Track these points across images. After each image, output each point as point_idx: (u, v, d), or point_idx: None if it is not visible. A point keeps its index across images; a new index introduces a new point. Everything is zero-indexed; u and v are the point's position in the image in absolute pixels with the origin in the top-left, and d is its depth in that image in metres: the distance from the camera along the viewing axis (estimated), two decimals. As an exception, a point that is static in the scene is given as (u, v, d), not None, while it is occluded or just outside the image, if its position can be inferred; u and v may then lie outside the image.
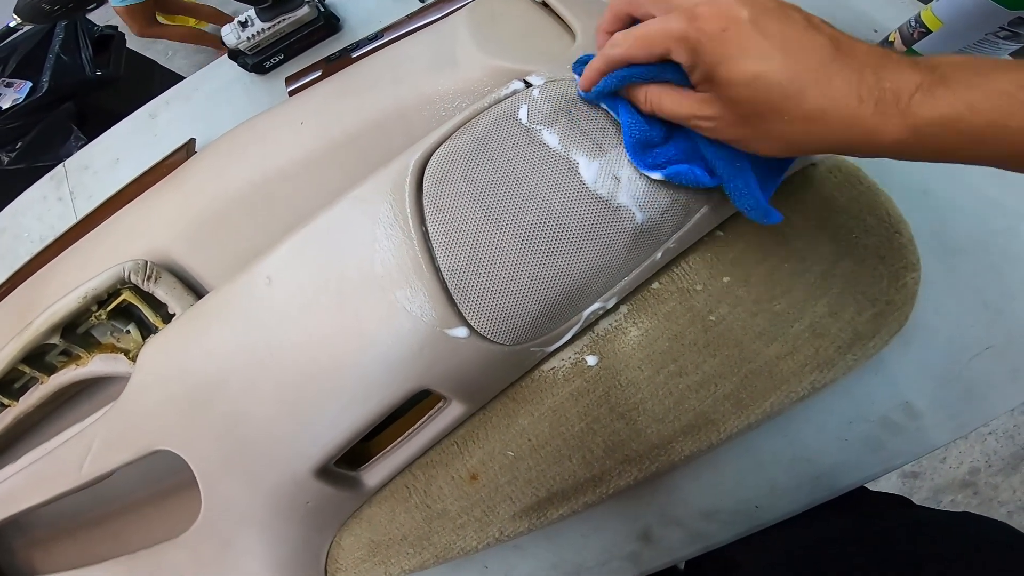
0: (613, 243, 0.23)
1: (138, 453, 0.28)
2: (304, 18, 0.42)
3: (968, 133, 0.16)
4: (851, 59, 0.17)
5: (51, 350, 0.34)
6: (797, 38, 0.17)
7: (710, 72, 0.18)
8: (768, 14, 0.18)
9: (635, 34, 0.20)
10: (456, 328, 0.22)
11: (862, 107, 0.16)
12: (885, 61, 0.17)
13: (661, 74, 0.20)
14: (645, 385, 0.25)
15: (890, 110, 0.16)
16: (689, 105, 0.20)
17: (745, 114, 0.18)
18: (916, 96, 0.16)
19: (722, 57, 0.18)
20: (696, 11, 0.18)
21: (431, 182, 0.23)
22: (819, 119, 0.17)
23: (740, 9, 0.18)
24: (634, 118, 0.22)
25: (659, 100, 0.21)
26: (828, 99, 0.17)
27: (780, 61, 0.17)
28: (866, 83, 0.16)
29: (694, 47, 0.18)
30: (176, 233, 0.32)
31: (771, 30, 0.17)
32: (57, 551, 0.36)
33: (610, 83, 0.21)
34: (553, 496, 0.26)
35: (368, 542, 0.28)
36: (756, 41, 0.17)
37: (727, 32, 0.17)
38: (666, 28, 0.19)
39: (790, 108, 0.17)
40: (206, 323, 0.26)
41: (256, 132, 0.33)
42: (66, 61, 0.67)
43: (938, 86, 0.16)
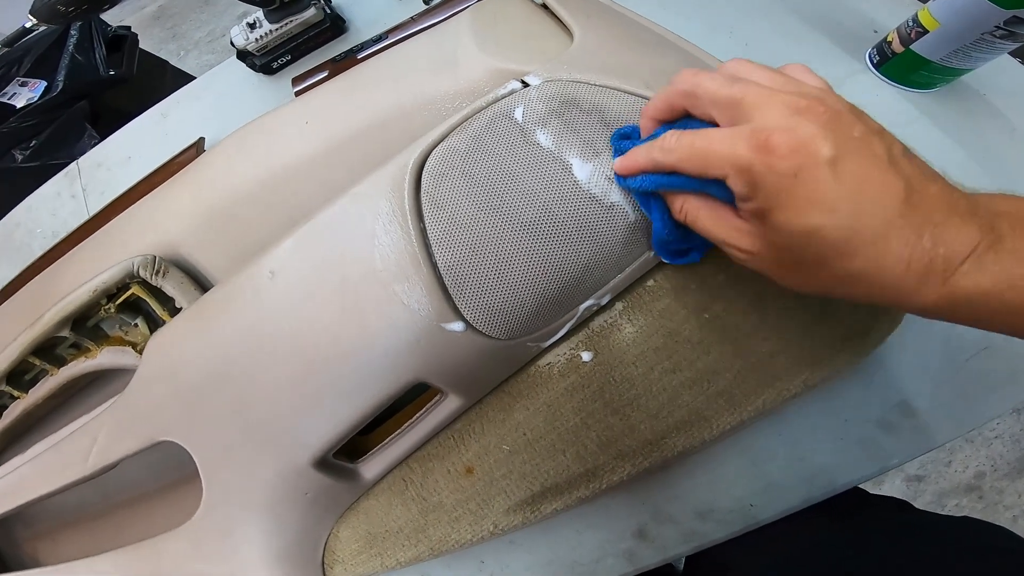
0: (606, 240, 0.23)
1: (143, 444, 0.28)
2: (311, 20, 0.42)
3: (1002, 311, 0.15)
4: (917, 212, 0.15)
5: (61, 343, 0.35)
6: (872, 185, 0.15)
7: (764, 212, 0.16)
8: (851, 151, 0.15)
9: (693, 146, 0.17)
10: (452, 322, 0.23)
11: (907, 274, 0.15)
12: (949, 215, 0.15)
13: (704, 187, 0.18)
14: (639, 381, 0.26)
15: (933, 279, 0.15)
16: (727, 232, 0.18)
17: (784, 260, 0.17)
18: (965, 264, 0.15)
19: (784, 204, 0.16)
20: (771, 141, 0.15)
21: (429, 180, 0.24)
22: (860, 279, 0.16)
23: (822, 145, 0.15)
24: (665, 225, 0.21)
25: (696, 215, 0.19)
26: (876, 264, 0.16)
27: (845, 216, 0.15)
28: (921, 247, 0.15)
29: (756, 181, 0.16)
30: (184, 229, 0.33)
31: (848, 173, 0.15)
32: (61, 542, 0.37)
33: (649, 185, 0.20)
34: (547, 490, 0.26)
35: (365, 534, 0.29)
36: (827, 190, 0.15)
37: (799, 178, 0.15)
38: (730, 153, 0.16)
39: (834, 266, 0.16)
40: (211, 316, 0.27)
41: (263, 131, 0.33)
42: (80, 61, 0.68)
43: (988, 252, 0.15)
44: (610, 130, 0.23)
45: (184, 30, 1.53)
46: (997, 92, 0.34)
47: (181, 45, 1.49)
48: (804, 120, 0.16)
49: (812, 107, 0.16)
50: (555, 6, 0.30)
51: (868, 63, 0.35)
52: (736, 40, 0.38)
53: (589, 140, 0.23)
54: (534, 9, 0.33)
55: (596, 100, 0.24)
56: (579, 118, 0.24)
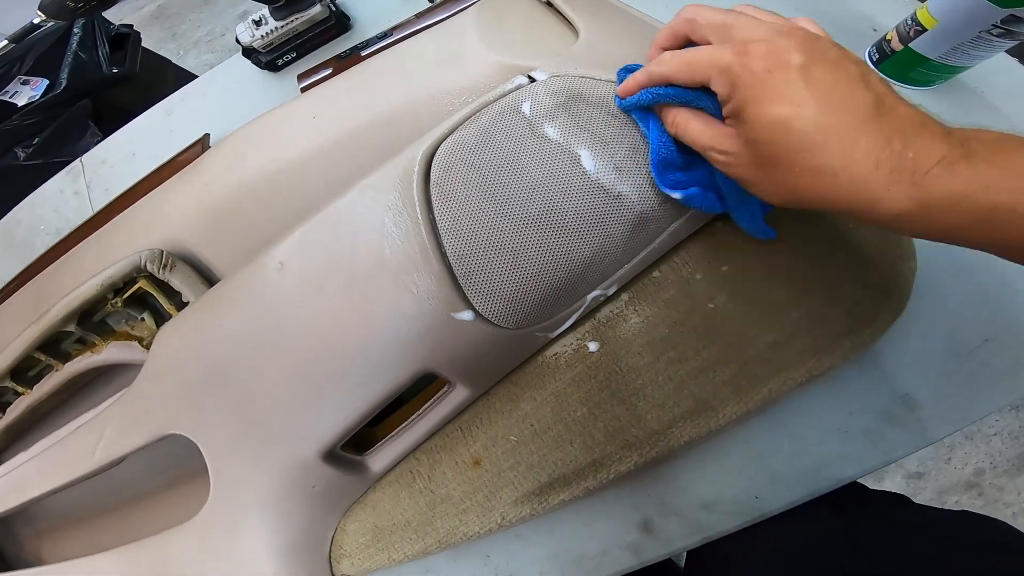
0: (613, 231, 0.24)
1: (150, 437, 0.28)
2: (316, 17, 0.43)
3: (974, 214, 0.15)
4: (886, 122, 0.16)
5: (67, 338, 0.35)
6: (842, 91, 0.16)
7: (740, 108, 0.18)
8: (821, 63, 0.17)
9: (683, 56, 0.20)
10: (462, 312, 0.23)
11: (875, 173, 0.16)
12: (920, 129, 0.16)
13: (696, 100, 0.20)
14: (645, 371, 0.26)
15: (903, 180, 0.16)
16: (711, 136, 0.19)
17: (759, 156, 0.18)
18: (935, 169, 0.15)
19: (756, 97, 0.17)
20: (748, 47, 0.17)
21: (438, 171, 0.24)
22: (829, 176, 0.16)
23: (794, 54, 0.17)
24: (662, 138, 0.22)
25: (685, 125, 0.20)
26: (845, 158, 0.16)
27: (813, 110, 0.16)
28: (890, 148, 0.16)
29: (734, 81, 0.18)
30: (191, 223, 0.33)
31: (818, 79, 0.17)
32: (64, 541, 0.37)
33: (645, 98, 0.22)
34: (554, 481, 0.26)
35: (372, 527, 0.29)
36: (797, 88, 0.17)
37: (771, 74, 0.17)
38: (714, 57, 0.18)
39: (804, 159, 0.17)
40: (219, 308, 0.27)
41: (270, 126, 0.34)
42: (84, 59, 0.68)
43: (960, 161, 0.15)
44: (617, 122, 0.24)
45: (183, 30, 1.53)
46: (994, 89, 0.35)
47: (180, 45, 1.49)
48: (782, 37, 0.18)
49: (793, 31, 0.18)
50: (560, 4, 0.31)
51: (867, 61, 0.36)
52: (737, 38, 0.39)
53: (596, 133, 0.24)
54: (538, 6, 0.33)
55: (602, 94, 0.24)
56: (585, 111, 0.24)
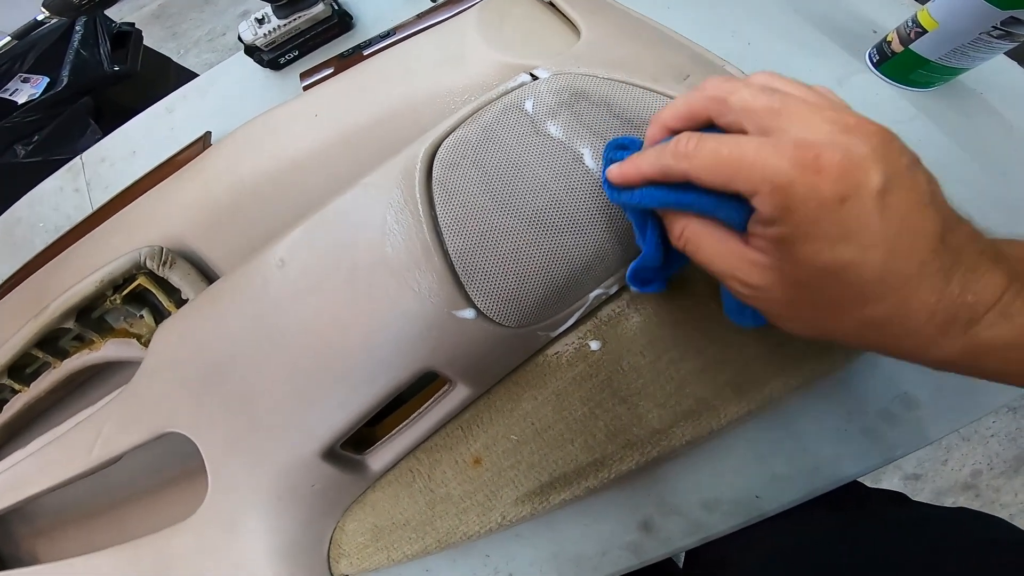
0: (615, 229, 0.24)
1: (148, 435, 0.28)
2: (319, 16, 0.43)
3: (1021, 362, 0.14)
4: (949, 254, 0.14)
5: (65, 335, 0.35)
6: (915, 222, 0.14)
7: (790, 241, 0.14)
8: (899, 183, 0.14)
9: (717, 152, 0.15)
10: (463, 310, 0.23)
11: (930, 323, 0.14)
12: (980, 259, 0.14)
13: (716, 210, 0.16)
14: (647, 370, 0.26)
15: (956, 330, 0.14)
16: (734, 263, 0.16)
17: (799, 298, 0.15)
18: (990, 315, 0.14)
19: (818, 233, 0.13)
20: (820, 159, 0.13)
21: (440, 168, 0.24)
22: (879, 327, 0.14)
23: (874, 172, 0.13)
24: (658, 250, 0.18)
25: (698, 242, 0.16)
26: (899, 311, 0.14)
27: (881, 256, 0.13)
28: (948, 295, 0.14)
29: (791, 205, 0.13)
30: (192, 221, 0.33)
31: (893, 208, 0.13)
32: (61, 539, 0.37)
33: (650, 200, 0.17)
34: (555, 480, 0.26)
35: (371, 527, 0.29)
36: (870, 223, 0.13)
37: (845, 205, 0.13)
38: (768, 165, 0.14)
39: (855, 310, 0.14)
40: (219, 305, 0.27)
41: (271, 124, 0.34)
42: (85, 57, 0.68)
43: (1016, 300, 0.14)
44: (619, 120, 0.24)
45: (184, 29, 1.53)
46: (993, 91, 0.35)
47: (181, 44, 1.49)
48: (856, 140, 0.14)
49: (862, 126, 0.14)
50: (561, 4, 0.31)
51: (868, 62, 0.36)
52: (739, 40, 0.39)
53: (598, 131, 0.24)
54: (539, 6, 0.33)
55: (605, 92, 0.24)
56: (588, 109, 0.24)
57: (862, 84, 0.36)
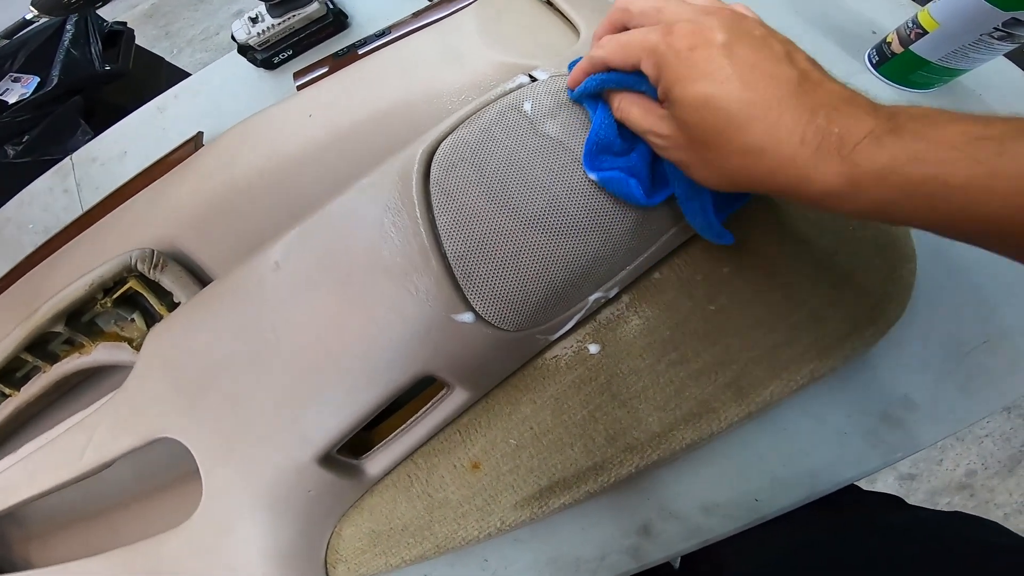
0: (615, 232, 0.23)
1: (141, 441, 0.28)
2: (313, 15, 0.42)
3: (904, 187, 0.14)
4: (811, 97, 0.16)
5: (55, 338, 0.34)
6: (766, 68, 0.16)
7: (668, 88, 0.18)
8: (745, 40, 0.17)
9: (616, 39, 0.20)
10: (462, 313, 0.23)
11: (802, 149, 0.16)
12: (846, 105, 0.16)
13: (637, 84, 0.20)
14: (647, 373, 0.26)
15: (830, 156, 0.15)
16: (650, 120, 0.19)
17: (691, 138, 0.18)
18: (862, 144, 0.15)
19: (682, 76, 0.17)
20: (674, 27, 0.18)
21: (438, 170, 0.24)
22: (757, 154, 0.16)
23: (717, 32, 0.17)
24: (605, 120, 0.22)
25: (628, 109, 0.20)
26: (770, 136, 0.16)
27: (737, 88, 0.16)
28: (815, 124, 0.15)
29: (660, 61, 0.18)
30: (183, 223, 0.33)
31: (741, 56, 0.17)
32: (54, 544, 0.36)
33: (590, 85, 0.22)
34: (555, 485, 0.26)
35: (369, 532, 0.28)
36: (720, 64, 0.17)
37: (695, 52, 0.17)
38: (642, 38, 0.19)
39: (732, 139, 0.17)
40: (212, 308, 0.27)
41: (265, 124, 0.33)
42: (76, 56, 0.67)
43: (888, 135, 0.15)
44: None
45: (177, 28, 1.51)
46: (992, 92, 0.35)
47: (174, 43, 1.48)
48: (707, 16, 0.18)
49: (720, 11, 0.18)
50: (560, 3, 0.31)
51: (867, 63, 0.36)
52: (737, 40, 0.39)
53: (598, 132, 0.23)
54: (537, 5, 0.33)
55: (604, 93, 0.24)
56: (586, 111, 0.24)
57: (861, 85, 0.35)
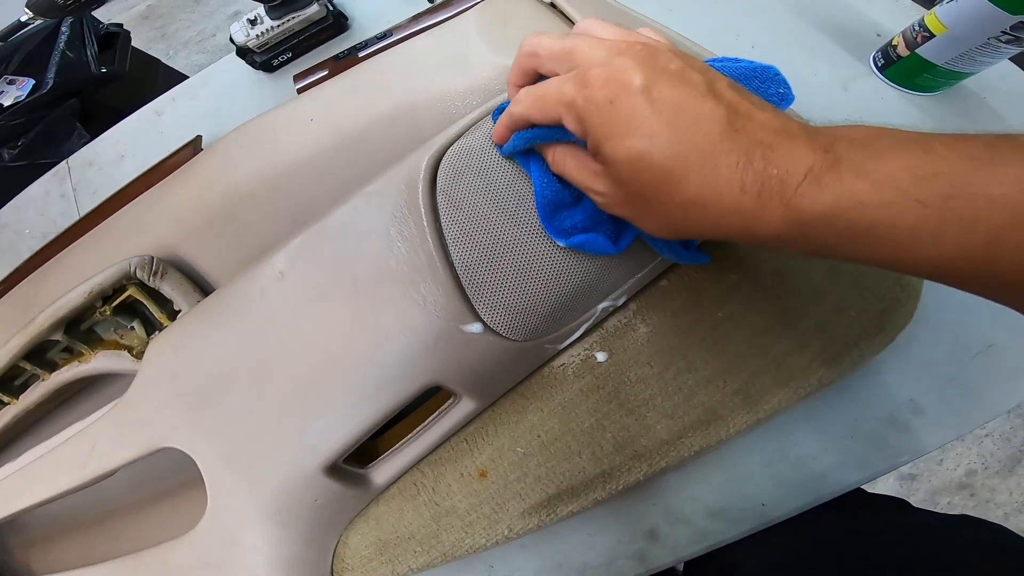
0: (625, 239, 0.23)
1: (144, 450, 0.27)
2: (313, 16, 0.42)
3: (850, 232, 0.14)
4: (743, 135, 0.15)
5: (53, 347, 0.34)
6: (690, 110, 0.15)
7: (596, 147, 0.17)
8: (663, 80, 0.16)
9: (533, 93, 0.18)
10: (470, 324, 0.22)
11: (744, 197, 0.15)
12: (779, 139, 0.15)
13: (566, 136, 0.19)
14: (654, 381, 0.25)
15: (773, 201, 0.15)
16: (586, 176, 0.18)
17: (629, 194, 0.17)
18: (803, 185, 0.14)
19: (608, 133, 0.16)
20: (588, 76, 0.16)
21: (444, 178, 0.23)
22: (699, 207, 0.16)
23: (633, 75, 0.16)
24: (545, 178, 0.21)
25: (563, 163, 0.19)
26: (709, 187, 0.15)
27: (666, 140, 0.15)
28: (752, 168, 0.15)
29: (582, 117, 0.17)
30: (183, 229, 0.32)
31: (663, 100, 0.16)
32: (55, 551, 0.36)
33: (517, 143, 0.20)
34: (563, 492, 0.26)
35: (375, 541, 0.28)
36: (643, 115, 0.16)
37: (615, 104, 0.16)
38: (559, 91, 0.17)
39: (671, 194, 0.16)
40: (217, 317, 0.26)
41: (266, 128, 0.33)
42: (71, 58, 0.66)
43: (828, 172, 0.14)
44: None
45: (173, 30, 1.50)
46: (996, 95, 0.35)
47: (170, 45, 1.46)
48: (620, 57, 0.16)
49: (631, 48, 0.17)
50: (565, 6, 0.30)
51: (872, 66, 0.36)
52: (742, 43, 0.39)
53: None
54: (541, 8, 0.33)
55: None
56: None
57: (866, 88, 0.36)
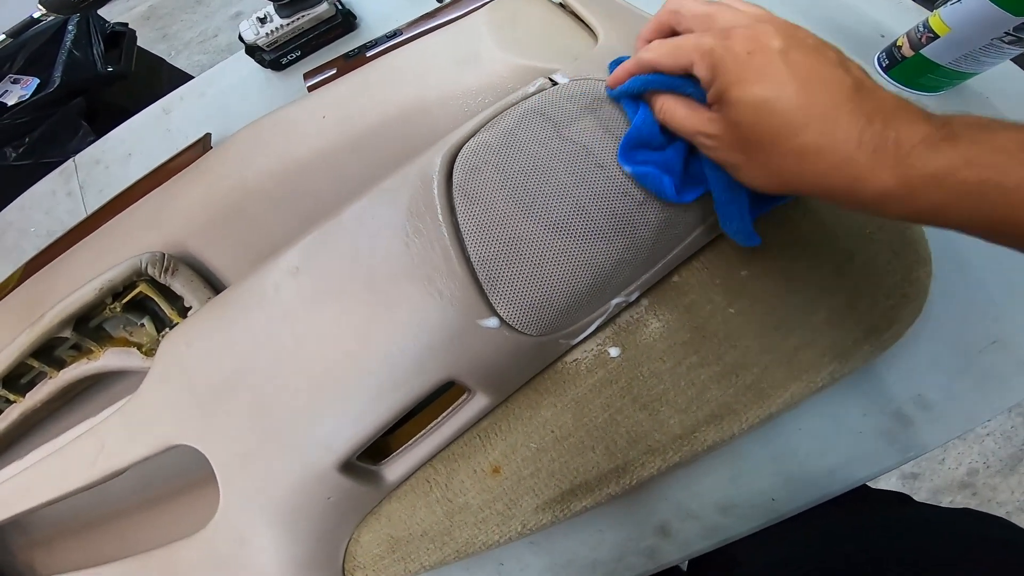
0: (639, 236, 0.23)
1: (155, 448, 0.27)
2: (322, 15, 0.42)
3: (958, 190, 0.15)
4: (866, 102, 0.16)
5: (61, 344, 0.34)
6: (821, 73, 0.17)
7: (723, 90, 0.18)
8: (801, 47, 0.17)
9: (668, 43, 0.20)
10: (486, 319, 0.22)
11: (859, 151, 0.16)
12: (901, 112, 0.16)
13: (683, 87, 0.20)
14: (667, 376, 0.26)
15: (886, 158, 0.16)
16: (697, 121, 0.20)
17: (744, 138, 0.18)
18: (918, 147, 0.15)
19: (738, 78, 0.17)
20: (730, 31, 0.18)
21: (461, 174, 0.24)
22: (812, 156, 0.17)
23: (774, 38, 0.17)
24: (648, 119, 0.22)
25: (672, 111, 0.21)
26: (827, 137, 0.16)
27: (794, 91, 0.17)
28: (872, 128, 0.16)
29: (716, 64, 0.18)
30: (194, 226, 0.32)
31: (798, 61, 0.17)
32: (60, 551, 0.35)
33: (634, 85, 0.22)
34: (576, 488, 0.26)
35: (387, 538, 0.28)
36: (777, 69, 0.17)
37: (752, 56, 0.17)
38: (697, 41, 0.19)
39: (788, 139, 0.17)
40: (230, 314, 0.26)
41: (278, 125, 0.33)
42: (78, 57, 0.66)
43: (943, 140, 0.15)
44: None
45: (175, 31, 1.50)
46: (999, 95, 0.35)
47: (171, 46, 1.46)
48: (762, 23, 0.18)
49: (772, 19, 0.19)
50: (577, 6, 0.31)
51: (876, 66, 0.36)
52: (747, 43, 0.39)
53: (620, 136, 0.23)
54: (551, 8, 0.33)
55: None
56: (611, 114, 0.24)
57: None
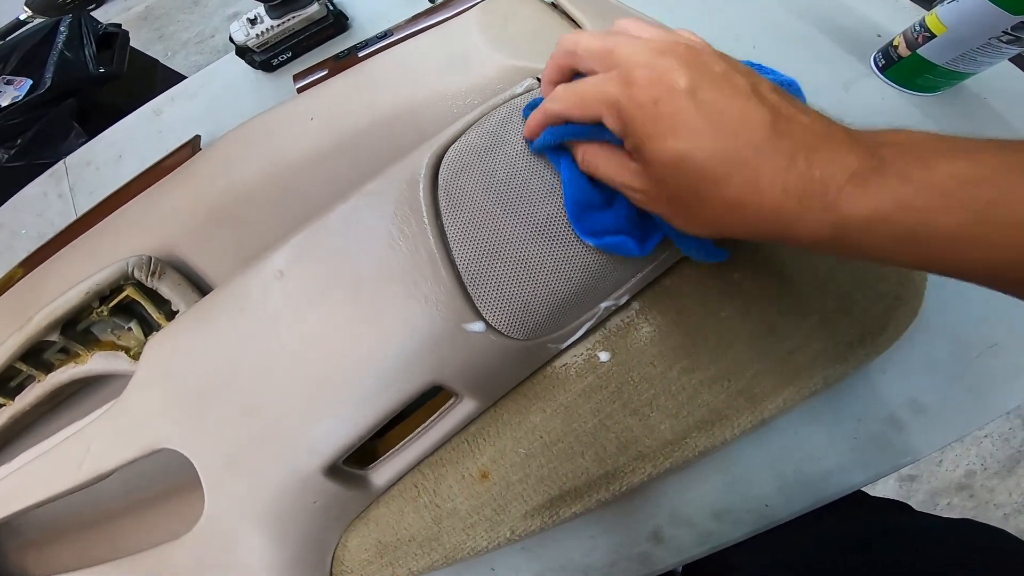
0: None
1: (140, 452, 0.27)
2: (313, 16, 0.42)
3: (892, 235, 0.14)
4: (787, 138, 0.15)
5: (49, 347, 0.34)
6: (735, 112, 0.16)
7: (638, 146, 0.17)
8: (708, 82, 0.16)
9: (572, 90, 0.18)
10: (472, 323, 0.22)
11: (786, 199, 0.15)
12: (823, 142, 0.15)
13: (599, 134, 0.19)
14: (658, 380, 0.25)
15: (814, 204, 0.15)
16: (621, 173, 0.19)
17: (669, 193, 0.17)
18: (846, 189, 0.14)
19: (651, 133, 0.16)
20: (632, 75, 0.16)
21: (446, 176, 0.23)
22: (739, 208, 0.16)
23: (678, 76, 0.16)
24: (574, 177, 0.21)
25: (594, 162, 0.19)
26: (751, 186, 0.15)
27: (709, 140, 0.15)
28: (796, 169, 0.15)
29: (624, 117, 0.17)
30: (181, 229, 0.32)
31: (708, 102, 0.16)
32: (51, 553, 0.35)
33: (549, 139, 0.21)
34: (565, 494, 0.25)
35: (375, 543, 0.28)
36: (688, 116, 0.16)
37: (659, 105, 0.16)
38: (600, 90, 0.17)
39: (711, 194, 0.16)
40: (215, 317, 0.26)
41: (265, 127, 0.33)
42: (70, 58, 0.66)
43: (873, 175, 0.14)
44: None
45: (171, 31, 1.50)
46: (997, 95, 0.35)
47: (168, 46, 1.46)
48: (664, 57, 0.16)
49: (674, 48, 0.17)
50: (567, 6, 0.30)
51: (873, 67, 0.36)
52: (743, 44, 0.39)
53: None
54: (542, 8, 0.33)
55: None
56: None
57: (867, 88, 0.36)
